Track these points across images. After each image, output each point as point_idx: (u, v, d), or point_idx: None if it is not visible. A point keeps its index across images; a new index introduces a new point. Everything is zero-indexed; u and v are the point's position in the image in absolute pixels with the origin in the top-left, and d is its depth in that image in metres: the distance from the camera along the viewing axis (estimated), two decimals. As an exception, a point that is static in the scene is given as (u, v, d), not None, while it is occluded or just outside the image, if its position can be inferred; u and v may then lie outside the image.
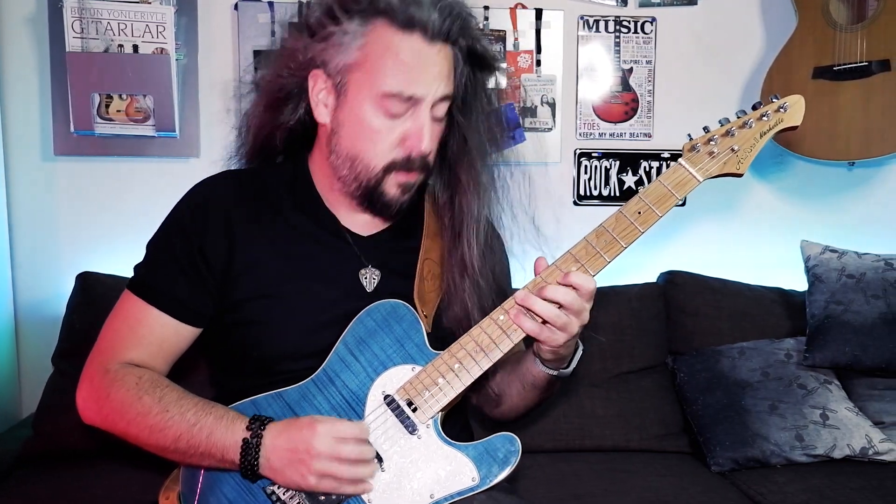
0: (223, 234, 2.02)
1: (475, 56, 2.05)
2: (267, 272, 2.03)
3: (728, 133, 2.01)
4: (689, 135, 2.05)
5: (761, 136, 2.02)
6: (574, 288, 1.91)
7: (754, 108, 2.06)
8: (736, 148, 2.00)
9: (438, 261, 2.15)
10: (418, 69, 1.91)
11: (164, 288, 2.02)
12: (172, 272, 2.02)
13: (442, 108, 1.99)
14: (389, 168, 1.98)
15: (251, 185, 2.13)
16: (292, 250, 2.06)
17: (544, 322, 1.92)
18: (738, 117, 2.05)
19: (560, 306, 1.90)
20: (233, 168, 2.26)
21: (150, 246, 2.09)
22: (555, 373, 2.09)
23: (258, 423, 1.86)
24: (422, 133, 1.94)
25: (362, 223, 2.13)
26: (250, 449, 1.84)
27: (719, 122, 2.04)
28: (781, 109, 2.04)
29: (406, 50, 1.91)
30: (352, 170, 2.01)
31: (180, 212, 2.09)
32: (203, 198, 2.09)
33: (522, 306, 1.92)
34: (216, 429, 1.86)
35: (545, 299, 1.90)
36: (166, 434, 1.88)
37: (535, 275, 1.96)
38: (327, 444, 1.81)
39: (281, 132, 2.15)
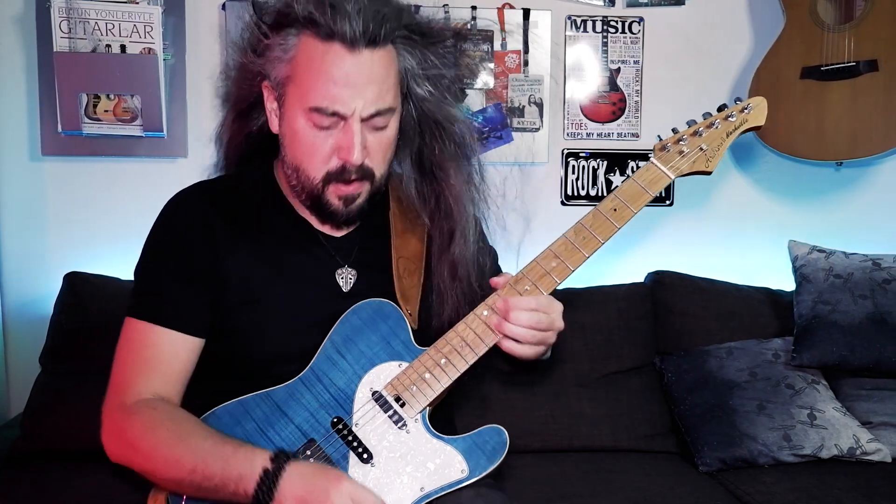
0: (205, 245, 2.03)
1: (418, 37, 2.04)
2: (248, 279, 2.04)
3: (696, 133, 2.13)
4: (659, 136, 2.13)
5: (728, 136, 2.14)
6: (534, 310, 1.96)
7: (720, 109, 2.17)
8: (704, 147, 2.11)
9: (412, 258, 2.18)
10: (340, 82, 1.91)
11: (163, 304, 2.01)
12: (167, 287, 2.02)
13: (382, 120, 1.98)
14: (327, 180, 1.99)
15: (225, 193, 2.14)
16: (270, 255, 2.07)
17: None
18: (706, 118, 2.13)
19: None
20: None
21: (139, 270, 2.10)
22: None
23: (282, 457, 1.83)
24: (352, 145, 1.93)
25: (332, 225, 2.14)
26: (269, 479, 1.79)
27: (687, 123, 2.12)
28: (745, 110, 2.17)
29: (328, 62, 1.91)
30: (298, 179, 2.04)
31: (160, 229, 2.10)
32: (179, 212, 2.10)
33: (500, 331, 1.97)
34: (233, 458, 1.83)
35: (516, 325, 1.95)
36: (182, 465, 1.85)
37: (495, 289, 2.02)
38: (344, 501, 1.77)
39: (250, 140, 2.19)
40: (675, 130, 2.13)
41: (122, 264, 2.09)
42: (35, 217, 3.43)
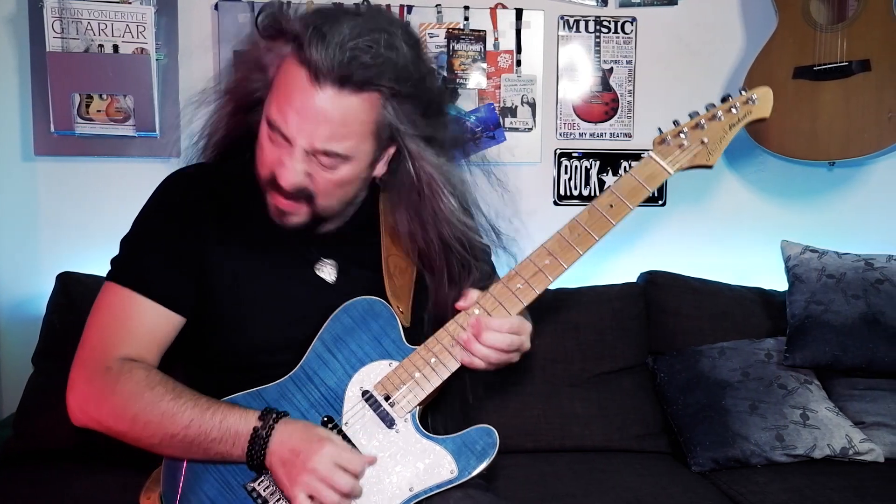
0: (194, 235, 2.02)
1: (414, 99, 1.95)
2: (232, 271, 2.04)
3: (698, 126, 2.06)
4: (660, 128, 2.08)
5: (731, 128, 2.07)
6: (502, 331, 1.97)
7: (723, 100, 2.10)
8: (706, 140, 2.04)
9: (403, 255, 2.16)
10: (293, 110, 1.85)
11: (149, 276, 1.99)
12: (155, 260, 2.00)
13: (329, 161, 1.90)
14: (266, 185, 1.97)
15: (219, 183, 2.11)
16: (254, 247, 2.06)
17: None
18: (708, 110, 2.08)
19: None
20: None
21: (128, 240, 2.08)
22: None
23: (271, 416, 1.87)
24: (284, 168, 1.90)
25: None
26: (259, 440, 1.84)
27: (689, 115, 2.07)
28: (750, 101, 2.08)
29: (291, 85, 1.86)
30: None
31: (154, 207, 2.09)
32: (174, 194, 2.09)
33: (468, 349, 1.97)
34: (230, 414, 1.86)
35: (486, 346, 1.95)
36: (177, 419, 1.85)
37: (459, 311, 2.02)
38: (326, 466, 1.81)
39: (241, 133, 2.14)
40: (676, 123, 2.09)
41: (110, 259, 2.08)
42: (27, 217, 3.43)
